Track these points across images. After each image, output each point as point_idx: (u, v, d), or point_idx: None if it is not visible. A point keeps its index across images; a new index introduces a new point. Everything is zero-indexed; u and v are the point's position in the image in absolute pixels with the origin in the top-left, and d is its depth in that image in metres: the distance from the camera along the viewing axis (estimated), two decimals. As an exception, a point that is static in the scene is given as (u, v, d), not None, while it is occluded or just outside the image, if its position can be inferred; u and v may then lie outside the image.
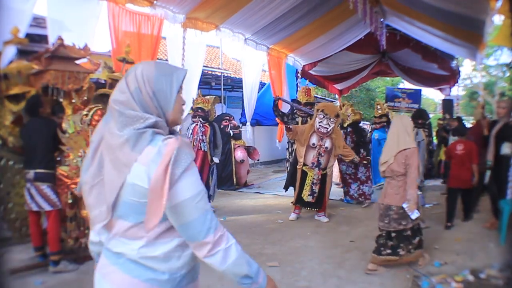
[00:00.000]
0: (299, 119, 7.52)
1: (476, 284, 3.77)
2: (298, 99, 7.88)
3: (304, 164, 6.01)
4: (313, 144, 5.92)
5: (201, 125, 6.60)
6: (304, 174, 6.03)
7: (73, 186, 3.92)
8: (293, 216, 6.24)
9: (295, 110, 7.69)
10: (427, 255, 4.35)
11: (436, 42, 9.35)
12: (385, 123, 8.25)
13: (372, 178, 7.62)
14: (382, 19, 8.70)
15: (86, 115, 4.16)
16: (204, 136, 6.55)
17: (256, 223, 6.05)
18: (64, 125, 4.29)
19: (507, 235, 4.68)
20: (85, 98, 4.58)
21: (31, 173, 3.91)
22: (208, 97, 6.83)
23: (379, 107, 8.54)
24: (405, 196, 3.98)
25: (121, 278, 1.42)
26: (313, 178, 5.96)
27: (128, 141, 1.35)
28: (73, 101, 4.48)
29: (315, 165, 5.92)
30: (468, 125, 9.98)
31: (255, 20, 8.03)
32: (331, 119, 5.81)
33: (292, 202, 6.83)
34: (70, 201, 3.97)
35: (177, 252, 1.44)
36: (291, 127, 6.03)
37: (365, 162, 7.16)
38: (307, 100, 7.84)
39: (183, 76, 1.49)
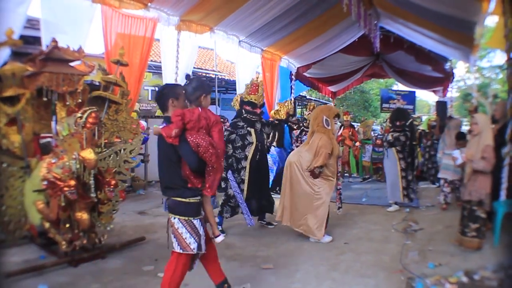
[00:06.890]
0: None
1: (470, 286, 3.79)
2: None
3: None
4: None
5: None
6: None
7: (66, 189, 3.87)
8: None
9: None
10: None
11: (430, 44, 9.41)
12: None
13: None
14: (376, 21, 8.73)
15: (80, 117, 4.14)
16: None
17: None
18: (58, 127, 4.28)
19: (501, 236, 4.71)
20: (80, 100, 4.56)
21: None
22: None
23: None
24: None
25: None
26: None
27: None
28: (67, 103, 4.47)
29: None
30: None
31: (249, 22, 8.04)
32: None
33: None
34: (63, 204, 3.94)
35: None
36: None
37: None
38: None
39: None
